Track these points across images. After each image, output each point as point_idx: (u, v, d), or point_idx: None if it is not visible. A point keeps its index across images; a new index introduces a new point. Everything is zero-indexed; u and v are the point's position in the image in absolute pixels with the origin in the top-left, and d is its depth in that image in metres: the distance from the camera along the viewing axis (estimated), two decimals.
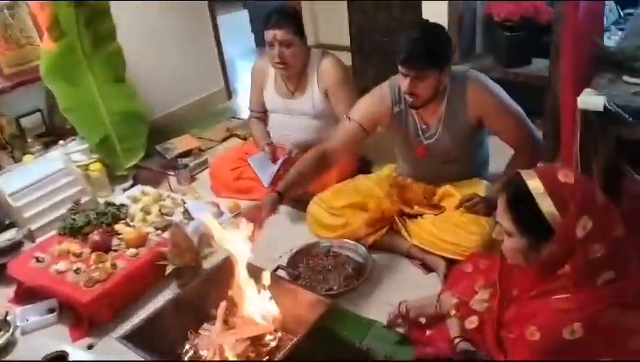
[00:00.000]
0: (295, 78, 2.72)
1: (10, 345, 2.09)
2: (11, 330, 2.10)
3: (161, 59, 3.67)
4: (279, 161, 2.73)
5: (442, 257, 2.16)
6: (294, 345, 1.66)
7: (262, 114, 2.96)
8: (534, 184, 1.27)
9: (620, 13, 2.54)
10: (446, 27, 2.18)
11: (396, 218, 2.33)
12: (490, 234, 2.05)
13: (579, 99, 1.55)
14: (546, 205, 1.24)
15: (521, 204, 1.29)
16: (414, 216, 2.35)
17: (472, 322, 1.62)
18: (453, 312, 1.68)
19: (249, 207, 2.36)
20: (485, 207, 2.15)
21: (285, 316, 1.81)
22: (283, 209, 2.70)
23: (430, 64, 2.03)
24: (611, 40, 1.97)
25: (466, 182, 2.33)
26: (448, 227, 2.15)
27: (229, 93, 4.32)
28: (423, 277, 2.20)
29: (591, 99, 1.53)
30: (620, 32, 2.01)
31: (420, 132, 2.28)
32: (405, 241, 2.29)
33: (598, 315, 1.23)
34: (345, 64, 2.79)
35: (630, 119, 1.43)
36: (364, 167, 2.86)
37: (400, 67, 2.07)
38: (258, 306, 1.78)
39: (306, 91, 2.73)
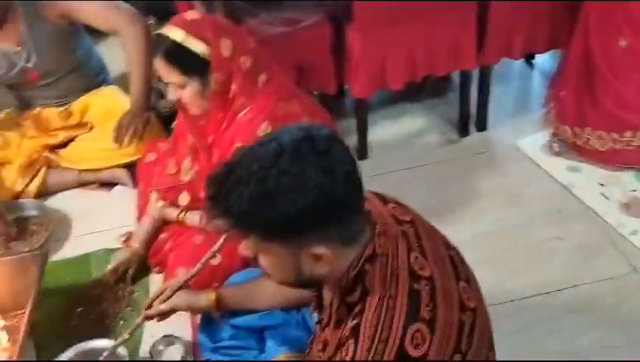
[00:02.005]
0: None
1: None
2: None
3: None
4: None
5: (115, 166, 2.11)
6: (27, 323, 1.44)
7: None
8: (176, 34, 1.41)
9: None
10: None
11: (48, 154, 2.14)
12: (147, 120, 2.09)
13: None
14: (194, 44, 1.40)
15: (176, 54, 1.42)
16: (65, 145, 2.18)
17: (184, 198, 1.70)
18: (161, 203, 1.72)
19: None
20: (141, 117, 2.05)
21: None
22: None
23: None
24: None
25: (96, 91, 2.24)
26: (108, 136, 2.07)
27: None
28: (111, 195, 2.14)
29: None
30: None
31: (16, 59, 2.05)
32: (72, 172, 2.15)
33: (274, 109, 1.48)
34: None
35: None
36: None
37: None
38: None
39: None
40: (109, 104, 2.18)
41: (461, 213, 1.95)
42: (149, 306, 1.38)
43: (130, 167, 2.09)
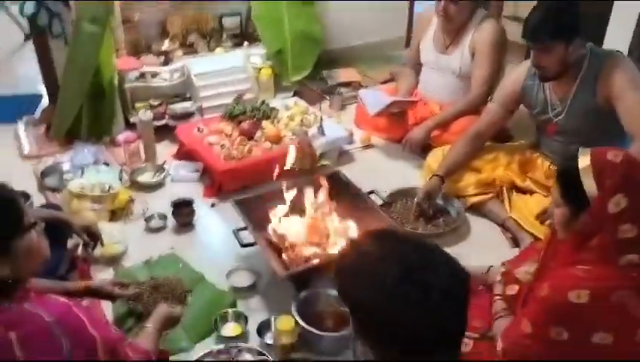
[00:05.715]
0: (453, 32, 2.76)
1: (160, 185, 2.66)
2: (164, 175, 2.67)
3: None
4: (392, 99, 2.88)
5: (533, 235, 2.19)
6: None
7: (416, 65, 3.04)
8: (583, 161, 1.33)
9: None
10: None
11: (504, 188, 2.39)
12: None
13: None
14: (587, 181, 1.31)
15: (567, 177, 1.37)
16: (523, 192, 2.37)
17: (512, 289, 1.72)
18: (498, 278, 1.78)
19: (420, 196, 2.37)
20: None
21: None
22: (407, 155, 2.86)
23: (552, 37, 1.98)
24: None
25: None
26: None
27: (408, 41, 4.40)
28: (507, 250, 2.25)
29: None
30: None
31: (549, 108, 2.24)
32: (504, 212, 2.35)
33: (610, 292, 1.26)
34: (504, 32, 2.72)
35: None
36: (504, 139, 2.74)
37: (524, 39, 2.07)
38: None
39: (457, 48, 2.76)
40: None
41: None
42: None
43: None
